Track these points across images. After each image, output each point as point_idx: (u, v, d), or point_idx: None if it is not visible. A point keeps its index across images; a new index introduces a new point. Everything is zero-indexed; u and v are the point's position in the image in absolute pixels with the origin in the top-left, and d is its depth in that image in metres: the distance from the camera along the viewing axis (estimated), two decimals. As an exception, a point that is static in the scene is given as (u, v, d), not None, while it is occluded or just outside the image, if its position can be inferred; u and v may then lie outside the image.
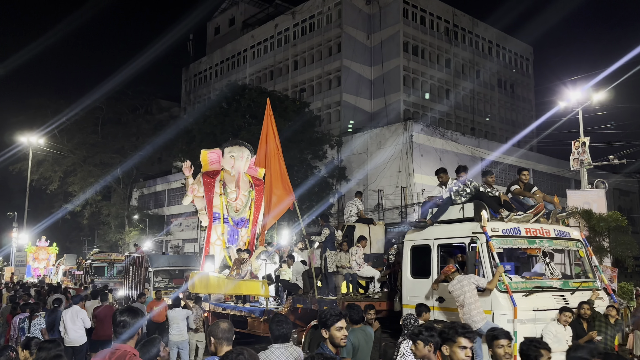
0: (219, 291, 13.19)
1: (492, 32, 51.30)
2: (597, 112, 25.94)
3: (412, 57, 44.90)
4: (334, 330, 4.24)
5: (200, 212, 16.11)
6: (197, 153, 32.85)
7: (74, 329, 9.78)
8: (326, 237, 10.73)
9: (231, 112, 31.87)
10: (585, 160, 21.90)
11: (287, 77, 48.57)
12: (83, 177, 44.97)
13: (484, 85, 50.12)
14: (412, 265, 8.65)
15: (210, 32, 61.35)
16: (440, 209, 8.56)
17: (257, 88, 35.37)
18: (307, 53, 47.38)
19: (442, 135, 36.19)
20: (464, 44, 49.03)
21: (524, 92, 54.43)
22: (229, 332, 3.97)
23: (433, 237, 8.36)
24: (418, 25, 45.69)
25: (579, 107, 23.80)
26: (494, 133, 49.27)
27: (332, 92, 44.59)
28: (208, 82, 57.92)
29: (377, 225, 12.27)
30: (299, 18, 48.11)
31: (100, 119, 47.95)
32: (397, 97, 43.45)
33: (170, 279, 20.57)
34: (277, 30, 50.07)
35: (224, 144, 16.65)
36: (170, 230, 51.71)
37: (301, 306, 10.68)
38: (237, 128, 30.77)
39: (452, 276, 7.30)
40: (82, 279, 28.40)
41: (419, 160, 34.37)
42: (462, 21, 48.99)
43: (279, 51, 49.77)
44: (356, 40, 44.68)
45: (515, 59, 54.11)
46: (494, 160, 38.17)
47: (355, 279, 10.62)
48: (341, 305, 9.27)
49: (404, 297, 8.69)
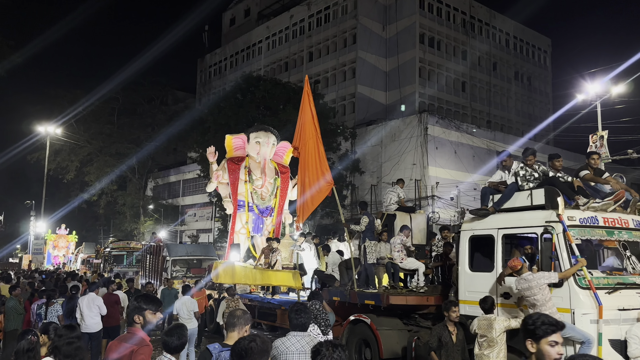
0: (246, 282, 12.60)
1: (509, 24, 50.37)
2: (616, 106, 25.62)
3: (428, 48, 44.35)
4: (546, 345, 3.10)
5: (225, 200, 15.48)
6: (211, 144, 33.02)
7: (90, 316, 9.92)
8: (365, 226, 9.99)
9: (246, 104, 31.88)
10: (603, 154, 21.59)
11: (302, 69, 48.28)
12: (99, 166, 45.27)
13: (500, 78, 49.44)
14: (470, 258, 7.80)
15: (226, 23, 61.15)
16: (504, 196, 7.67)
17: (272, 79, 35.30)
18: (322, 44, 46.92)
19: (457, 128, 35.89)
20: (480, 36, 48.30)
21: (541, 85, 53.52)
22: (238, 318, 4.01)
23: (497, 226, 7.49)
24: (434, 17, 45.20)
25: (597, 100, 23.50)
26: (510, 126, 48.71)
27: (347, 84, 44.30)
28: (223, 73, 57.83)
29: (418, 214, 11.38)
30: (315, 9, 47.75)
31: (116, 109, 48.14)
32: (413, 89, 43.08)
33: (188, 269, 20.31)
34: (292, 22, 49.71)
35: (249, 129, 16.02)
36: (184, 220, 52.15)
37: (338, 299, 9.96)
38: (251, 119, 30.77)
39: (520, 272, 6.52)
40: (100, 267, 28.43)
41: (433, 153, 34.14)
42: (479, 13, 48.25)
43: (294, 42, 49.37)
44: (372, 31, 44.29)
45: (533, 51, 53.17)
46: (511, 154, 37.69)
47: (397, 271, 9.92)
48: (385, 300, 8.65)
49: (461, 292, 7.84)
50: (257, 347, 3.13)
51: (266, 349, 3.20)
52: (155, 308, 4.00)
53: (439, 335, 6.62)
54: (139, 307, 3.95)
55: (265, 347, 3.21)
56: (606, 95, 23.14)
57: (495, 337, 6.19)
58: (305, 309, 4.57)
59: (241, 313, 4.09)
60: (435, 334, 6.68)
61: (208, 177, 33.38)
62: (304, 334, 4.40)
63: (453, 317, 6.61)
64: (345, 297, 9.73)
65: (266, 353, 3.19)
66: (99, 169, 45.18)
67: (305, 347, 4.24)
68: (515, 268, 6.54)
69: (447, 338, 6.56)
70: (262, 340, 3.22)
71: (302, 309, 4.54)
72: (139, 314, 3.92)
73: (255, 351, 3.11)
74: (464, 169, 34.49)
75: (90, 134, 45.78)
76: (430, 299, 8.93)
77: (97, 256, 31.04)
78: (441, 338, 6.58)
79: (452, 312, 6.58)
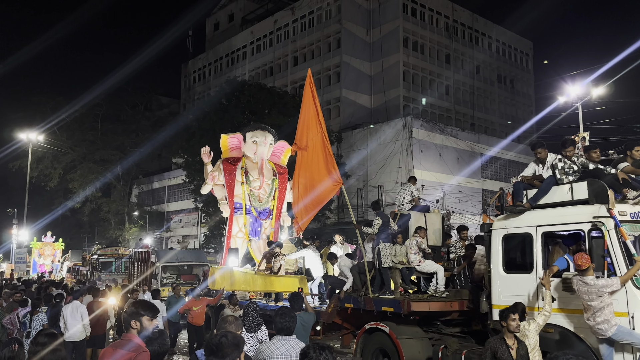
0: (247, 288, 11.85)
1: (491, 28, 50.58)
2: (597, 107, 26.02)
3: (412, 52, 44.49)
4: None
5: (221, 202, 14.62)
6: (196, 149, 32.81)
7: (73, 324, 9.79)
8: (378, 228, 9.28)
9: (231, 109, 31.74)
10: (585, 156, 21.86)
11: (286, 73, 48.25)
12: (83, 173, 44.61)
13: (483, 81, 49.72)
14: (504, 258, 7.15)
15: (210, 29, 60.77)
16: (541, 190, 7.01)
17: (257, 84, 35.20)
18: (307, 49, 46.75)
19: (441, 131, 36.14)
20: (464, 39, 48.57)
21: (523, 88, 53.81)
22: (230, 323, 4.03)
23: (535, 223, 6.83)
24: (418, 21, 45.46)
25: (578, 102, 23.84)
26: (494, 128, 49.09)
27: (332, 88, 44.27)
28: (207, 78, 57.48)
29: (433, 213, 10.62)
30: (299, 14, 47.66)
31: (100, 115, 47.45)
32: (397, 93, 43.33)
33: (178, 275, 19.66)
34: (276, 26, 49.52)
35: (245, 128, 15.19)
36: (170, 226, 51.80)
37: (351, 306, 9.19)
38: (236, 124, 30.68)
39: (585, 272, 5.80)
40: (87, 275, 27.52)
41: (418, 155, 34.29)
42: (462, 17, 48.46)
43: (278, 47, 49.14)
44: (356, 36, 44.37)
45: (515, 54, 53.49)
46: (494, 156, 38.24)
47: (409, 275, 9.23)
48: (406, 307, 7.96)
49: (494, 295, 7.15)
50: (228, 341, 3.25)
51: (237, 343, 3.29)
52: (153, 315, 3.93)
53: (494, 350, 5.54)
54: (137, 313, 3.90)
55: (236, 341, 3.31)
56: (587, 97, 23.48)
57: (531, 343, 5.67)
58: (291, 313, 4.57)
59: (233, 319, 4.11)
60: (489, 348, 5.64)
61: (193, 183, 33.61)
62: (289, 337, 4.38)
63: (513, 328, 5.54)
64: (360, 304, 9.00)
65: (237, 347, 3.28)
66: (83, 176, 44.59)
67: (290, 350, 4.25)
68: (582, 266, 5.80)
69: (505, 354, 5.47)
70: (232, 336, 3.33)
71: (287, 312, 4.54)
72: (136, 320, 3.89)
73: (226, 345, 3.23)
74: (449, 171, 34.71)
75: (73, 141, 45.15)
76: (454, 304, 8.19)
77: (83, 264, 30.36)
78: (497, 354, 5.50)
79: (512, 321, 5.56)
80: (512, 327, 5.53)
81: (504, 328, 5.58)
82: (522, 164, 42.78)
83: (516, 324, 5.55)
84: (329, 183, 10.09)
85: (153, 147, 43.91)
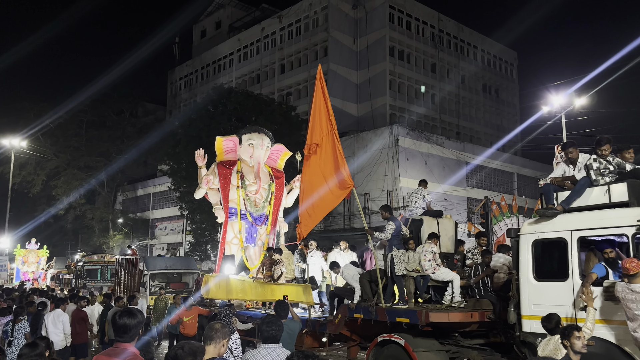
0: (244, 297, 11.26)
1: (477, 37, 50.86)
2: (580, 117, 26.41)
3: (398, 61, 44.63)
4: None
5: (216, 207, 13.98)
6: (182, 156, 33.08)
7: (55, 333, 9.66)
8: (391, 233, 8.70)
9: (217, 115, 31.58)
10: (568, 164, 22.17)
11: (273, 81, 48.15)
12: (67, 180, 43.85)
13: (469, 90, 49.98)
14: (535, 265, 6.68)
15: (197, 35, 60.33)
16: (574, 192, 6.56)
17: (244, 91, 35.11)
18: (294, 57, 46.60)
19: (427, 139, 36.34)
20: (449, 48, 48.86)
21: (508, 97, 54.07)
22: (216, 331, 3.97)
23: (570, 227, 6.36)
24: (404, 30, 45.73)
25: (562, 111, 24.17)
26: (479, 137, 49.42)
27: (319, 96, 44.58)
28: (194, 85, 57.08)
29: (445, 219, 10.09)
30: (286, 22, 47.63)
31: (85, 122, 46.75)
32: (384, 101, 43.53)
33: (167, 283, 19.03)
34: (263, 34, 49.35)
35: (240, 131, 14.60)
36: (155, 233, 51.35)
37: (361, 316, 8.60)
38: (223, 131, 30.62)
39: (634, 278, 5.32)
40: (71, 282, 26.68)
41: (404, 163, 34.42)
42: (448, 26, 48.74)
43: (265, 55, 48.88)
44: (342, 44, 44.44)
45: (500, 63, 53.74)
46: (480, 165, 38.54)
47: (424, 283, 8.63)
48: (424, 318, 7.40)
49: (524, 305, 6.69)
50: (184, 352, 3.38)
51: (192, 353, 3.41)
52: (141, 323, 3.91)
53: None
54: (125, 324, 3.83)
55: (192, 351, 3.43)
56: (570, 107, 23.83)
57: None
58: (277, 321, 4.55)
59: (220, 326, 4.04)
60: None
61: (178, 190, 33.35)
62: (275, 346, 4.34)
63: (578, 347, 4.94)
64: (371, 315, 8.38)
65: (193, 357, 3.41)
66: (67, 182, 43.91)
67: (276, 359, 4.23)
68: (630, 271, 5.28)
69: None
70: (189, 347, 3.45)
71: (274, 321, 4.52)
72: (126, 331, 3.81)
73: (181, 356, 3.36)
74: (435, 180, 34.83)
75: (57, 147, 44.43)
76: (475, 315, 7.65)
77: (68, 271, 29.55)
78: None
79: (575, 339, 4.92)
80: (577, 346, 4.92)
81: (567, 347, 4.98)
82: (507, 172, 43.34)
83: (582, 343, 4.95)
84: (340, 186, 9.45)
85: (138, 153, 43.46)
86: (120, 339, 3.70)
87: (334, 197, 9.60)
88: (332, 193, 9.51)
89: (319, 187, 9.77)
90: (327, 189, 9.57)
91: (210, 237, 32.27)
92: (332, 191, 9.49)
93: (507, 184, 40.50)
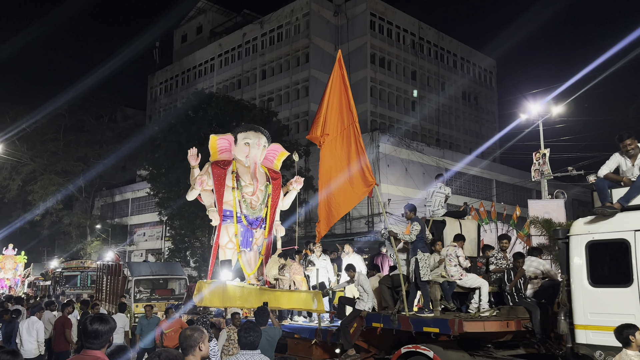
0: (243, 305, 10.44)
1: (457, 46, 51.18)
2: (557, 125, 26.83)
3: (379, 69, 44.71)
4: None
5: (210, 210, 13.02)
6: (162, 162, 32.83)
7: (29, 341, 9.45)
8: (417, 235, 7.96)
9: (197, 121, 31.29)
10: (546, 171, 22.51)
11: (254, 87, 47.98)
12: (43, 185, 43.03)
13: (448, 98, 50.25)
14: (590, 269, 6.12)
15: (177, 40, 59.74)
16: (634, 189, 5.99)
17: (224, 97, 34.92)
18: (275, 63, 46.52)
19: (408, 146, 36.63)
20: (429, 56, 49.16)
21: (487, 105, 54.40)
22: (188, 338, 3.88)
23: (632, 227, 5.83)
24: (385, 38, 46.05)
25: (539, 119, 24.55)
26: (459, 144, 49.89)
27: (300, 102, 44.18)
28: (174, 90, 56.49)
29: (468, 220, 9.29)
30: (267, 28, 47.45)
31: (63, 126, 45.88)
32: (364, 107, 43.77)
33: (153, 290, 18.14)
34: (245, 40, 49.21)
35: (236, 129, 13.77)
36: (133, 240, 50.71)
37: (381, 326, 7.91)
38: (203, 137, 30.42)
39: None
40: (49, 289, 25.78)
41: (385, 170, 34.58)
42: (428, 34, 49.01)
43: (246, 60, 48.73)
44: (324, 51, 44.46)
45: (479, 72, 54.06)
46: (459, 171, 38.91)
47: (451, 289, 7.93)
48: (458, 327, 6.79)
49: (578, 314, 6.11)
50: None
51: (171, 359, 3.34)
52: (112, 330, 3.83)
53: None
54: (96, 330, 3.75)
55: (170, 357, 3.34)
56: (547, 115, 24.19)
57: None
58: (255, 328, 4.51)
59: (190, 332, 3.90)
60: None
61: (157, 196, 33.00)
62: (254, 352, 4.31)
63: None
64: (393, 324, 7.67)
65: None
66: (43, 187, 43.10)
67: None
68: None
69: None
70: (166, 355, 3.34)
71: (252, 327, 4.48)
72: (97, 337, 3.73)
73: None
74: (415, 186, 35.06)
75: (34, 151, 43.71)
76: (511, 324, 7.06)
77: (45, 278, 28.69)
78: None
79: None
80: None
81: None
82: (486, 179, 43.82)
83: None
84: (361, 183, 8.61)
85: (117, 158, 42.85)
86: (91, 346, 3.56)
87: (355, 195, 8.84)
88: (354, 190, 8.74)
89: (339, 184, 8.99)
90: (348, 186, 8.79)
91: (189, 243, 32.00)
92: (353, 188, 8.72)
93: (486, 190, 40.94)
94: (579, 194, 44.44)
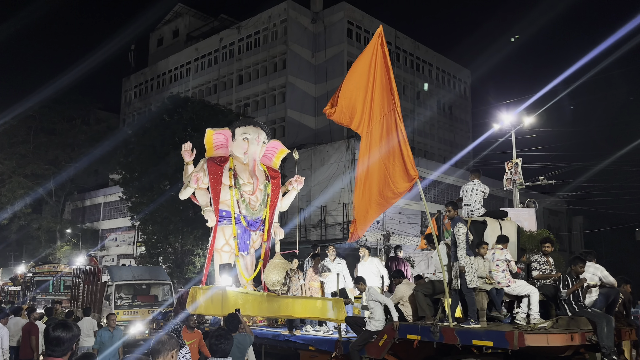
0: (247, 313, 9.53)
1: (432, 55, 51.63)
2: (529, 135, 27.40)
3: (356, 76, 45.65)
4: None
5: (205, 209, 12.00)
6: (135, 166, 32.37)
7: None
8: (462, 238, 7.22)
9: (172, 125, 30.93)
10: (518, 181, 22.95)
11: (231, 92, 47.73)
12: (12, 188, 41.86)
13: (424, 107, 51.01)
14: None
15: (153, 43, 58.97)
16: None
17: (200, 101, 34.69)
18: (252, 68, 46.29)
19: (383, 153, 36.91)
20: (405, 65, 49.58)
21: (461, 114, 54.85)
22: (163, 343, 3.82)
23: None
24: (362, 46, 46.23)
25: (512, 129, 25.02)
26: (433, 153, 50.45)
27: (277, 108, 44.12)
28: (149, 93, 55.82)
29: (508, 221, 8.42)
30: (245, 33, 47.36)
31: (33, 128, 45.24)
32: (341, 115, 43.98)
33: (134, 296, 17.20)
34: (222, 44, 48.88)
35: (235, 123, 12.91)
36: (105, 245, 49.84)
37: (419, 338, 7.06)
38: (178, 141, 30.15)
39: None
40: (18, 295, 24.98)
41: (361, 177, 34.90)
42: (404, 43, 49.39)
43: (223, 65, 48.42)
44: (301, 57, 44.50)
45: (454, 82, 54.53)
46: (435, 180, 39.29)
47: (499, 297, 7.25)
48: (518, 341, 6.08)
49: None
50: None
51: None
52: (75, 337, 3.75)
53: None
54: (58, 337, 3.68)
55: None
56: (519, 125, 24.70)
57: None
58: (227, 335, 4.47)
59: (166, 338, 3.86)
60: None
61: (130, 200, 32.50)
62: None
63: None
64: (433, 336, 6.84)
65: None
66: (12, 190, 41.97)
67: None
68: None
69: None
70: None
71: (224, 334, 4.44)
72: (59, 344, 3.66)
73: None
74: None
75: (2, 154, 42.82)
76: (575, 337, 6.36)
77: (15, 283, 27.79)
78: None
79: None
80: None
81: None
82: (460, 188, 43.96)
83: None
84: (403, 178, 7.75)
85: (89, 162, 42.10)
86: (52, 353, 3.47)
87: (396, 190, 7.91)
88: (395, 185, 7.85)
89: (379, 179, 8.10)
90: (387, 181, 7.93)
91: (162, 249, 31.62)
92: (394, 183, 7.84)
93: (461, 199, 41.38)
94: (550, 203, 45.38)
